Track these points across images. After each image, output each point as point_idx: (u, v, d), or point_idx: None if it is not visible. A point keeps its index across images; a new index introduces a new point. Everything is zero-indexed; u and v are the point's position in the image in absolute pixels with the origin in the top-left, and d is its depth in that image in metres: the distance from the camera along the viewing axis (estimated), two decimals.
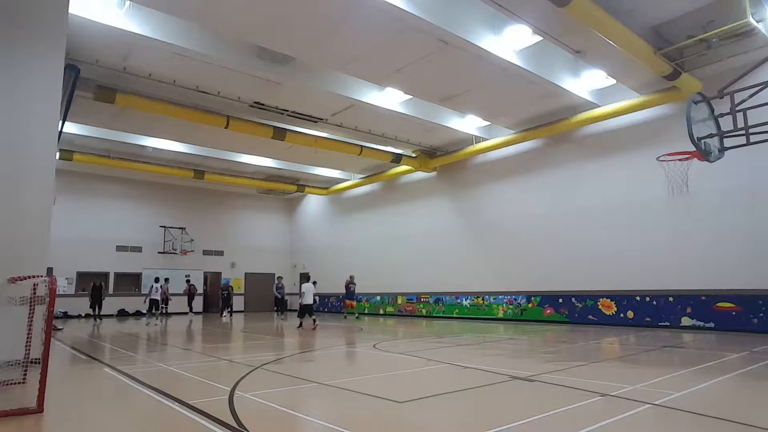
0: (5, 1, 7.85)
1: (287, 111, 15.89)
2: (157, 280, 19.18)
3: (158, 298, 18.50)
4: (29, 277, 5.66)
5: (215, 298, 26.64)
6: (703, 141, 7.47)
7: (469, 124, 17.49)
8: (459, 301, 19.27)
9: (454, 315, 19.31)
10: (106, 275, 23.52)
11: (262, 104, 15.37)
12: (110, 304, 23.33)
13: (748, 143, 7.28)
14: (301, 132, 17.42)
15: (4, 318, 6.42)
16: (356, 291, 20.08)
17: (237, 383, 6.04)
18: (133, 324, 18.24)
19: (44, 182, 7.98)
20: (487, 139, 17.97)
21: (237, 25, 10.63)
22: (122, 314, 23.46)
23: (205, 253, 26.65)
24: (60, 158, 17.97)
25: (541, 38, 11.47)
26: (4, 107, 7.67)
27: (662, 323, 13.40)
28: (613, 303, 14.58)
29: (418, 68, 12.37)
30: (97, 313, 20.43)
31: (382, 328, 15.55)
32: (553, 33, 11.16)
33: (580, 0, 8.85)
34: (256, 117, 16.08)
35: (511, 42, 11.59)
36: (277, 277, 20.25)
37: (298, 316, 14.21)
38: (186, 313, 22.50)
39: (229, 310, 21.89)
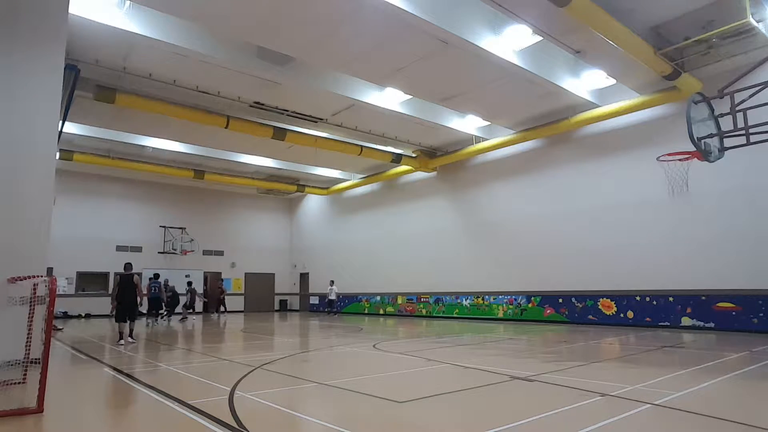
0: (5, 2, 7.84)
1: (287, 111, 15.89)
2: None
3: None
4: (29, 277, 5.65)
5: (214, 298, 26.76)
6: (703, 141, 7.47)
7: (469, 124, 17.48)
8: (459, 301, 19.27)
9: (454, 315, 19.30)
10: (106, 275, 23.51)
11: (262, 104, 15.37)
12: (109, 304, 23.27)
13: (748, 143, 7.27)
14: (301, 132, 17.42)
15: (4, 318, 6.42)
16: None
17: (237, 383, 6.04)
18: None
19: (44, 182, 7.98)
20: (487, 139, 17.97)
21: (237, 25, 10.63)
22: None
23: (205, 253, 26.65)
24: (60, 158, 17.98)
25: (541, 38, 11.47)
26: (4, 107, 7.67)
27: (662, 323, 13.40)
28: (613, 303, 14.57)
29: (418, 68, 12.38)
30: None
31: (382, 328, 15.55)
32: (553, 33, 11.16)
33: (580, 0, 8.86)
34: (256, 117, 16.08)
35: (511, 42, 11.57)
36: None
37: None
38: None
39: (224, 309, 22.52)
